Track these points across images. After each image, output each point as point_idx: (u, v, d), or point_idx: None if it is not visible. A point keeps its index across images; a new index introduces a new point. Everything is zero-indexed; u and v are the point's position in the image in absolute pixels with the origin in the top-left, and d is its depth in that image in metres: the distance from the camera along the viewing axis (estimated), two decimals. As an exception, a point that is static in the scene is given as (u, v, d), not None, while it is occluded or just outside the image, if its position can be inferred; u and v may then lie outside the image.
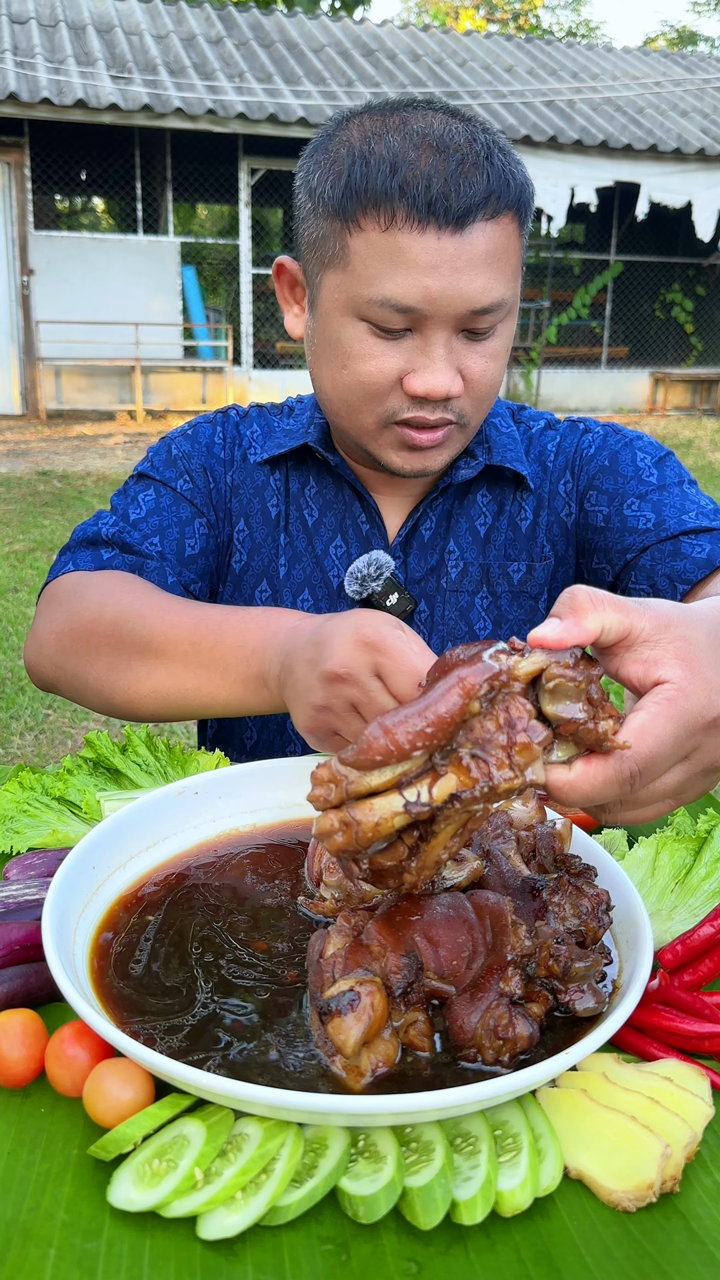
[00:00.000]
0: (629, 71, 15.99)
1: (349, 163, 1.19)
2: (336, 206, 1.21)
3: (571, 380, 15.46)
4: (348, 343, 1.25)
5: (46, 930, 0.82)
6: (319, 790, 0.73)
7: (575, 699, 0.69)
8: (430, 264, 1.17)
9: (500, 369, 1.30)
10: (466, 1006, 0.79)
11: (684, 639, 0.73)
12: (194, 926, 0.94)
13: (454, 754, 0.70)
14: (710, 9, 32.60)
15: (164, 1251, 0.67)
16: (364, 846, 0.72)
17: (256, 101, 12.48)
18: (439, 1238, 0.68)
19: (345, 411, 1.30)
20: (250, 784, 1.12)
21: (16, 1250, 0.67)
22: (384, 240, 1.18)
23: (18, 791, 1.16)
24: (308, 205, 1.27)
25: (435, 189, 1.15)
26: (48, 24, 13.25)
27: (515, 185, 1.21)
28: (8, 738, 4.24)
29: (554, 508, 1.46)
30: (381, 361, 1.23)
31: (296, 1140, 0.72)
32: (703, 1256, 0.68)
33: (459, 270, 1.18)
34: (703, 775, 0.76)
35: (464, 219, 1.16)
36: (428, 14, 30.74)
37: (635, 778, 0.70)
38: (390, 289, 1.19)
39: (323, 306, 1.28)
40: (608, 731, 0.69)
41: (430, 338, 1.22)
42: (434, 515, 1.44)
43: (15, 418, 13.08)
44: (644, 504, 1.38)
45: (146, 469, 1.49)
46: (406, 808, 0.70)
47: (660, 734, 0.70)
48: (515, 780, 0.69)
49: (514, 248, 1.24)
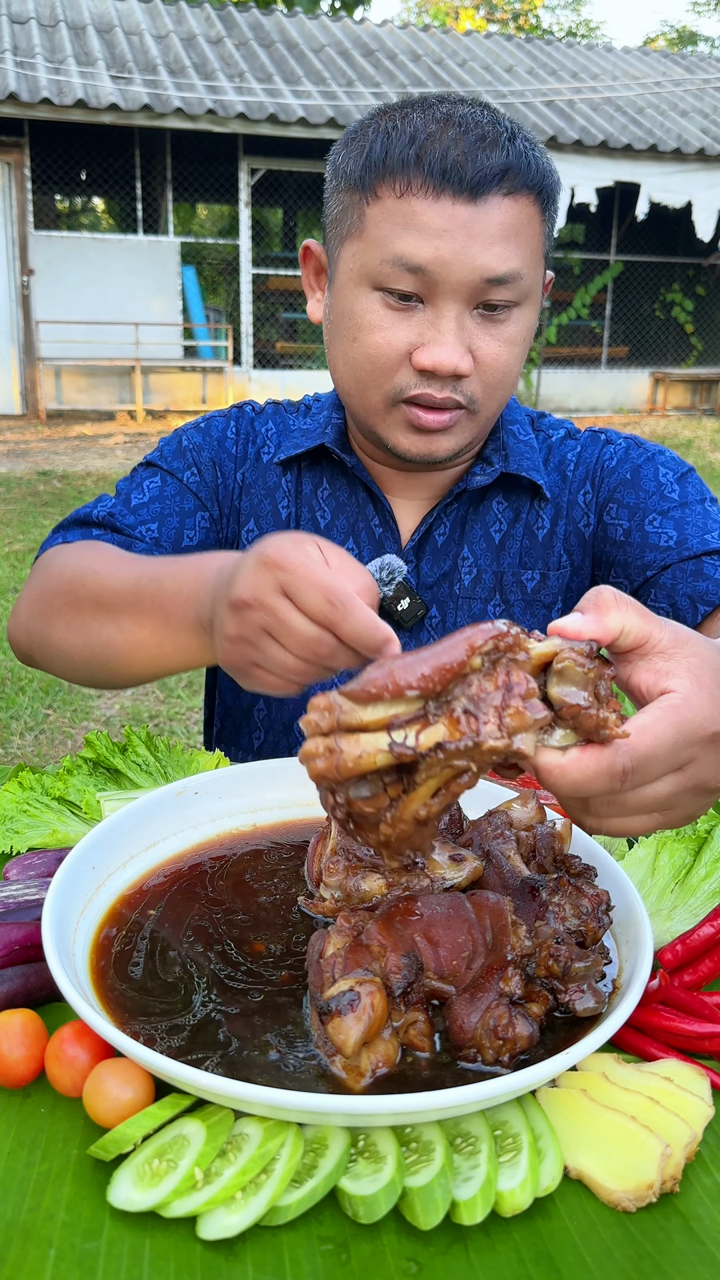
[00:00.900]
0: (629, 71, 15.99)
1: (372, 139, 1.21)
2: (357, 180, 1.23)
3: (571, 380, 15.46)
4: (360, 314, 1.25)
5: (46, 930, 0.82)
6: (313, 715, 0.73)
7: (582, 686, 0.69)
8: (442, 228, 1.17)
9: (516, 358, 1.28)
10: (466, 1006, 0.79)
11: (698, 656, 0.74)
12: (194, 927, 0.94)
13: (448, 705, 0.70)
14: (710, 9, 32.60)
15: (164, 1251, 0.67)
16: (344, 778, 0.72)
17: (256, 101, 12.48)
18: (439, 1238, 0.68)
19: (356, 389, 1.29)
20: (250, 784, 1.12)
21: (16, 1250, 0.67)
22: (399, 206, 1.18)
23: (18, 791, 1.16)
24: (332, 185, 1.28)
25: (451, 158, 1.16)
26: (48, 24, 13.25)
27: (537, 168, 1.21)
28: (8, 738, 4.24)
29: (572, 518, 1.45)
30: (391, 333, 1.23)
31: (296, 1140, 0.72)
32: (703, 1256, 0.68)
33: (472, 237, 1.17)
34: (694, 793, 0.75)
35: (479, 189, 1.16)
36: (428, 14, 30.74)
37: (627, 774, 0.70)
38: (401, 247, 1.18)
39: (339, 280, 1.29)
40: (608, 720, 0.69)
41: (441, 310, 1.21)
42: (448, 520, 1.43)
43: (15, 418, 13.08)
44: (666, 521, 1.36)
45: (155, 457, 1.49)
46: (391, 746, 0.70)
47: (659, 735, 0.70)
48: (500, 742, 0.68)
49: (534, 230, 1.23)
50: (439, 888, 0.88)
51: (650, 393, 15.90)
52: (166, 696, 4.73)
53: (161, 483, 1.45)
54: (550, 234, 1.29)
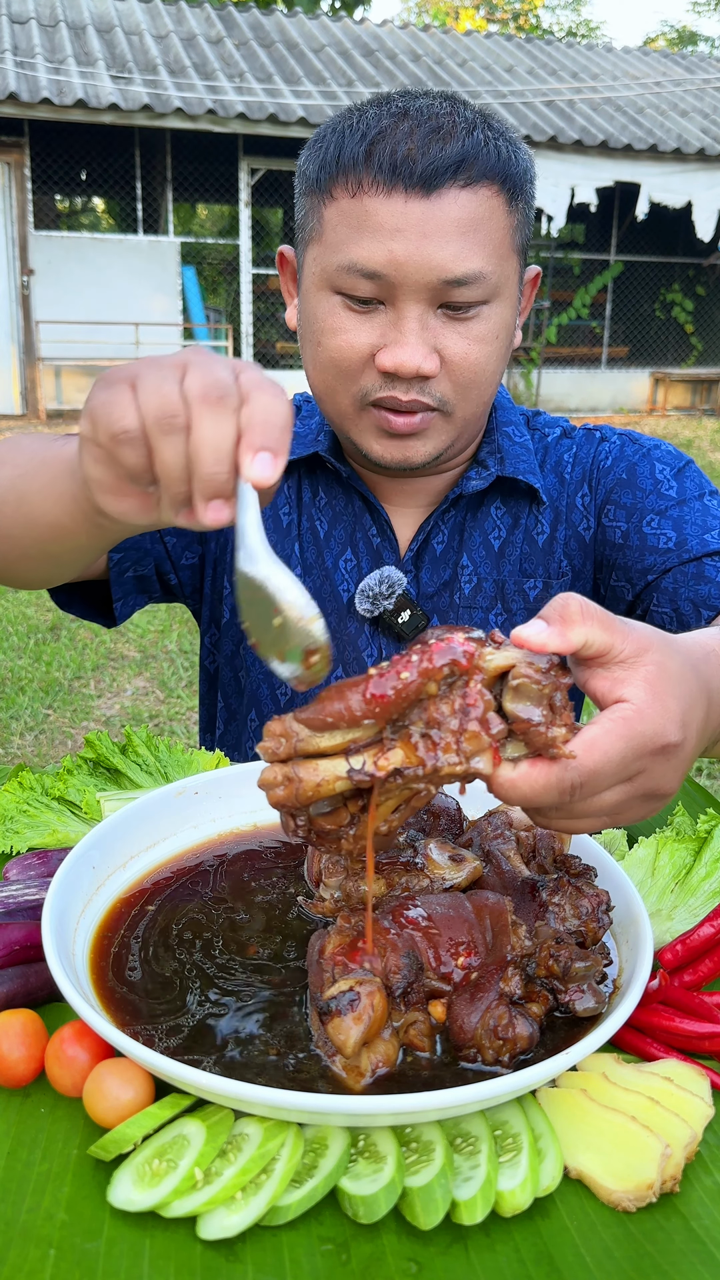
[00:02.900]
0: (629, 71, 15.98)
1: (329, 139, 1.19)
2: (314, 181, 1.21)
3: (571, 380, 15.46)
4: (322, 317, 1.22)
5: (46, 930, 0.82)
6: (269, 742, 0.74)
7: (536, 702, 0.70)
8: (395, 227, 1.13)
9: (488, 356, 1.23)
10: (466, 1006, 0.79)
11: (657, 664, 0.74)
12: (194, 926, 0.94)
13: (405, 730, 0.70)
14: (710, 9, 32.60)
15: (164, 1251, 0.67)
16: (303, 804, 0.73)
17: (256, 101, 12.48)
18: (439, 1238, 0.68)
19: (325, 394, 1.27)
20: (250, 784, 1.12)
21: (16, 1250, 0.67)
22: (353, 206, 1.15)
23: (17, 791, 1.16)
24: (298, 189, 1.26)
25: (402, 152, 1.13)
26: (48, 24, 13.25)
27: (498, 158, 1.17)
28: (8, 738, 4.24)
29: (571, 521, 1.41)
30: (353, 335, 1.20)
31: (296, 1140, 0.72)
32: (703, 1256, 0.68)
33: (427, 235, 1.13)
34: (643, 799, 0.75)
35: (432, 182, 1.12)
36: (428, 14, 30.74)
37: (575, 789, 0.70)
38: (356, 253, 1.15)
39: (304, 285, 1.26)
40: (556, 739, 0.69)
41: (402, 310, 1.17)
42: (446, 528, 1.40)
43: (15, 418, 13.08)
44: (664, 521, 1.33)
45: None
46: (350, 774, 0.71)
47: (608, 751, 0.70)
48: (458, 766, 0.70)
49: (498, 223, 1.18)
50: (439, 888, 0.88)
51: (650, 393, 15.90)
52: (167, 696, 4.73)
53: None
54: (524, 225, 1.25)
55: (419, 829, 0.97)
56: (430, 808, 0.99)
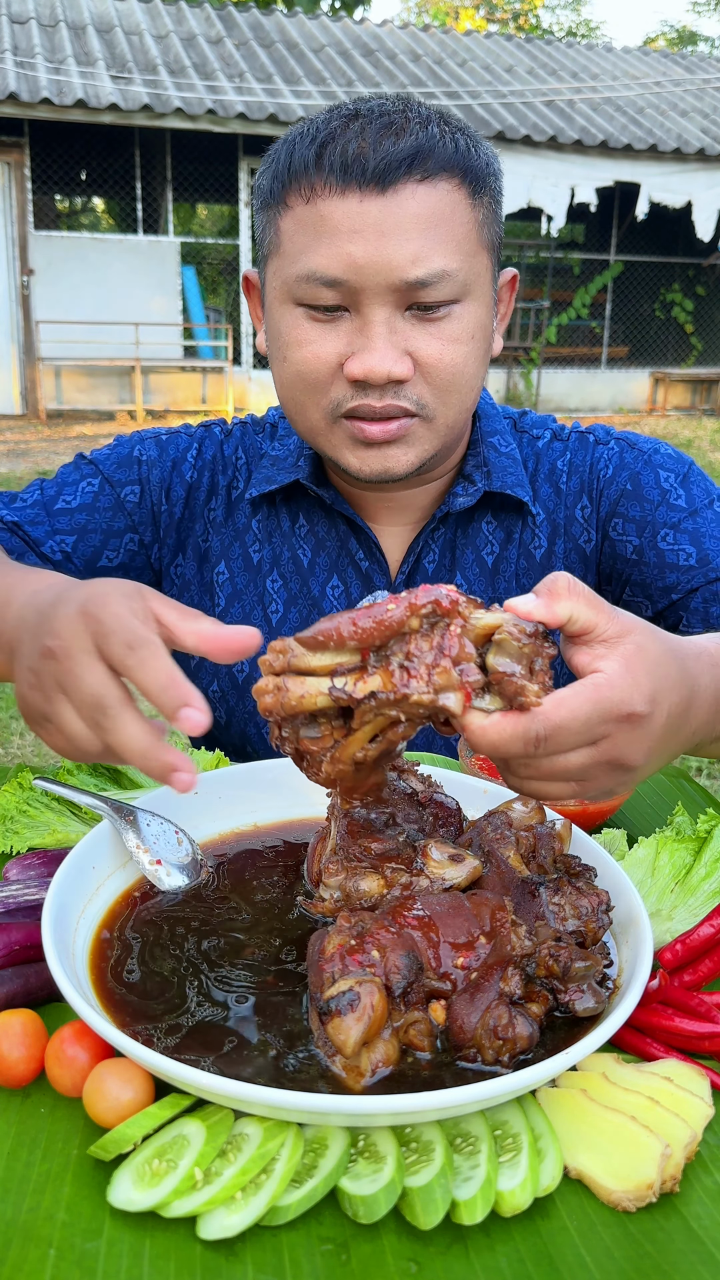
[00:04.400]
0: (629, 71, 15.98)
1: (280, 149, 1.16)
2: (268, 193, 1.17)
3: (571, 380, 15.46)
4: (285, 331, 1.17)
5: (46, 930, 0.82)
6: (268, 656, 0.80)
7: (516, 660, 0.74)
8: (352, 228, 1.09)
9: (466, 357, 1.17)
10: (466, 1006, 0.79)
11: (637, 645, 0.77)
12: (194, 926, 0.94)
13: (386, 659, 0.76)
14: (710, 9, 32.60)
15: (164, 1251, 0.67)
16: (288, 715, 0.80)
17: (256, 101, 12.48)
18: (439, 1238, 0.68)
19: (295, 411, 1.22)
20: (250, 784, 1.12)
21: (16, 1250, 0.67)
22: (308, 212, 1.11)
23: (18, 791, 1.16)
24: (255, 206, 1.22)
25: (353, 150, 1.08)
26: (48, 24, 13.25)
27: (456, 150, 1.12)
28: (8, 738, 4.24)
29: (571, 535, 1.36)
30: (319, 346, 1.15)
31: (296, 1140, 0.72)
32: (703, 1256, 0.68)
33: (385, 234, 1.09)
34: (609, 769, 0.77)
35: (386, 177, 1.08)
36: (428, 14, 30.74)
37: (540, 741, 0.74)
38: (314, 260, 1.11)
39: (267, 301, 1.22)
40: (527, 689, 0.73)
41: (367, 315, 1.12)
42: (436, 546, 1.35)
43: (15, 418, 13.08)
44: (680, 535, 1.29)
45: (102, 457, 1.39)
46: (330, 690, 0.77)
47: (575, 709, 0.73)
48: (426, 696, 0.74)
49: (461, 218, 1.13)
50: (439, 887, 0.88)
51: (650, 393, 15.90)
52: (166, 696, 4.72)
53: (98, 491, 1.36)
54: (492, 221, 1.19)
55: (419, 829, 0.97)
56: (430, 808, 0.99)
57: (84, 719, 0.79)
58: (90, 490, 1.36)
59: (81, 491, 1.36)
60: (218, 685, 1.44)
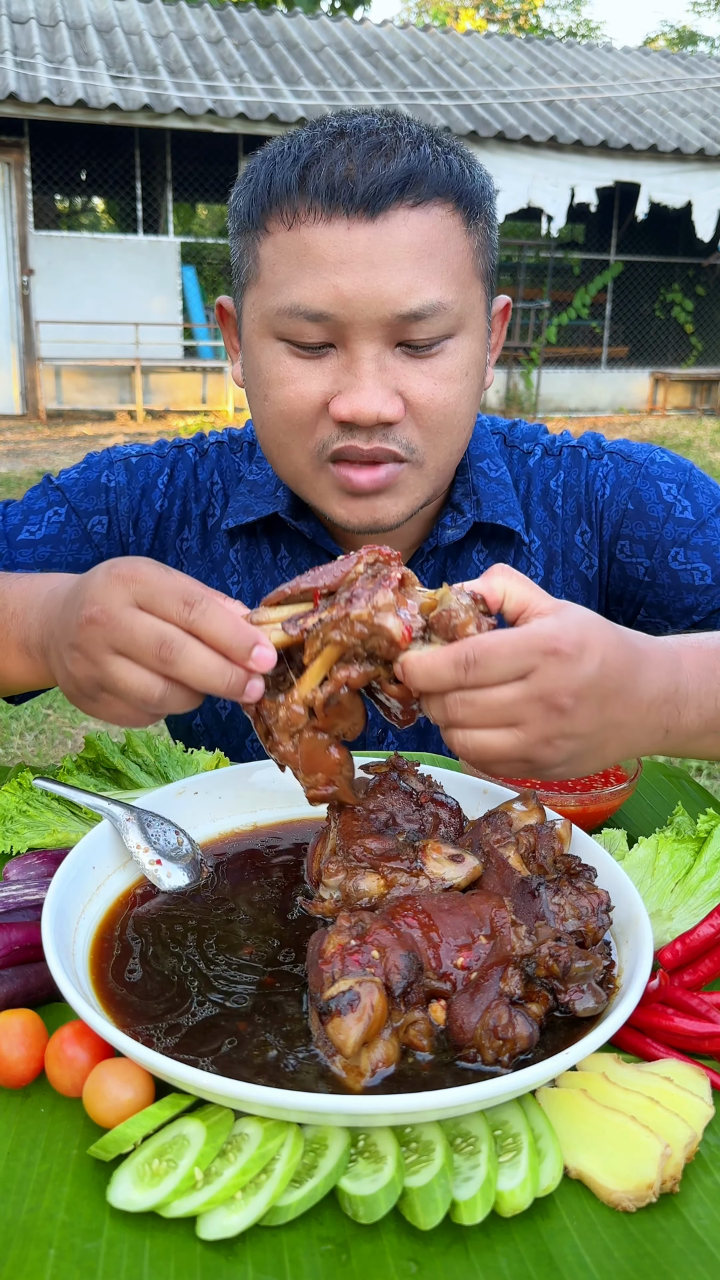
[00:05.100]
0: (629, 71, 15.99)
1: (259, 169, 1.08)
2: (246, 216, 1.09)
3: (571, 380, 15.46)
4: (266, 367, 1.09)
5: (46, 930, 0.82)
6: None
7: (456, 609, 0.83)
8: (339, 258, 1.01)
9: (459, 396, 1.10)
10: (466, 1006, 0.79)
11: (571, 608, 0.84)
12: (194, 926, 0.94)
13: (334, 601, 0.85)
14: (710, 9, 32.60)
15: (164, 1251, 0.67)
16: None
17: (256, 101, 12.47)
18: (439, 1238, 0.68)
19: (278, 453, 1.15)
20: (250, 784, 1.12)
21: (16, 1250, 0.67)
22: (290, 239, 1.03)
23: (18, 791, 1.16)
24: (231, 231, 1.14)
25: (339, 172, 1.00)
26: (48, 24, 13.25)
27: (450, 173, 1.05)
28: (8, 738, 4.24)
29: (571, 561, 1.30)
30: (303, 385, 1.07)
31: (296, 1140, 0.72)
32: (703, 1256, 0.68)
33: (375, 265, 1.01)
34: (542, 707, 0.80)
35: (376, 203, 1.00)
36: (428, 14, 30.74)
37: (470, 663, 0.79)
38: (298, 293, 1.03)
39: (245, 335, 1.13)
40: (463, 622, 0.82)
41: (355, 352, 1.05)
42: (425, 579, 1.29)
43: (15, 418, 13.08)
44: (691, 553, 1.25)
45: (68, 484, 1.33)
46: (284, 627, 0.86)
47: (504, 637, 0.79)
48: (364, 613, 0.82)
49: (456, 247, 1.06)
50: (439, 888, 0.88)
51: (650, 393, 15.90)
52: (166, 696, 4.72)
53: (64, 521, 1.30)
54: (487, 249, 1.12)
55: (419, 829, 0.97)
56: (430, 808, 0.99)
57: (147, 662, 0.83)
58: (56, 520, 1.31)
59: (47, 521, 1.31)
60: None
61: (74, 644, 0.87)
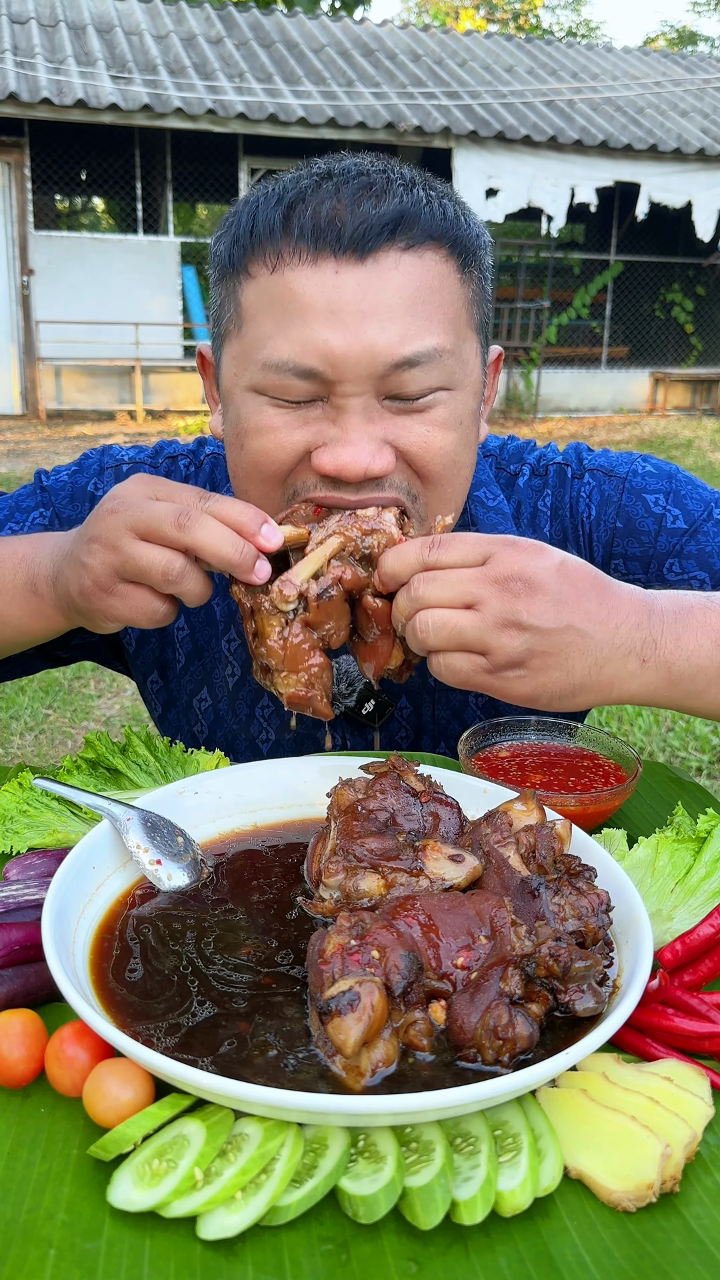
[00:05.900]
0: (629, 71, 15.99)
1: (242, 210, 1.03)
2: (227, 261, 1.03)
3: (571, 380, 15.46)
4: (245, 418, 1.02)
5: (46, 930, 0.82)
6: None
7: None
8: (327, 306, 0.95)
9: (456, 443, 1.04)
10: (466, 1006, 0.79)
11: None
12: (194, 926, 0.94)
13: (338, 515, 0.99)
14: (710, 9, 32.61)
15: (164, 1251, 0.67)
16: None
17: (256, 101, 12.48)
18: (439, 1238, 0.68)
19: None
20: (250, 784, 1.12)
21: (16, 1250, 0.67)
22: (273, 283, 0.97)
23: (18, 791, 1.16)
24: (212, 278, 1.09)
25: (326, 211, 0.95)
26: (48, 24, 13.25)
27: (444, 217, 1.00)
28: (8, 738, 4.24)
29: None
30: (283, 435, 1.01)
31: (296, 1140, 0.72)
32: (703, 1256, 0.68)
33: (365, 314, 0.95)
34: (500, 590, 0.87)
35: (365, 244, 0.94)
36: (428, 14, 30.74)
37: (434, 544, 0.89)
38: (284, 349, 0.97)
39: (225, 387, 1.07)
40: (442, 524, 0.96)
41: (342, 405, 0.99)
42: None
43: (15, 418, 13.08)
44: (686, 562, 1.23)
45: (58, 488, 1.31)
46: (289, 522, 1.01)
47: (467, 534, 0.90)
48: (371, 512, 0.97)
49: (450, 294, 1.00)
50: (439, 888, 0.88)
51: (650, 393, 15.90)
52: (166, 696, 4.72)
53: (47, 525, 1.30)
54: (481, 301, 1.07)
55: (419, 829, 0.97)
56: (430, 807, 0.99)
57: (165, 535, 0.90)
58: (40, 524, 1.30)
59: (31, 522, 1.30)
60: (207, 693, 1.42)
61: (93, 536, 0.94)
